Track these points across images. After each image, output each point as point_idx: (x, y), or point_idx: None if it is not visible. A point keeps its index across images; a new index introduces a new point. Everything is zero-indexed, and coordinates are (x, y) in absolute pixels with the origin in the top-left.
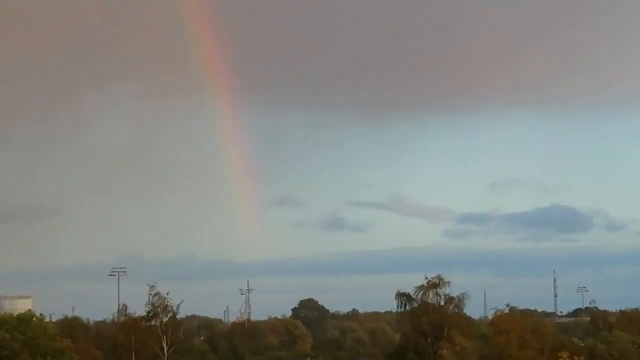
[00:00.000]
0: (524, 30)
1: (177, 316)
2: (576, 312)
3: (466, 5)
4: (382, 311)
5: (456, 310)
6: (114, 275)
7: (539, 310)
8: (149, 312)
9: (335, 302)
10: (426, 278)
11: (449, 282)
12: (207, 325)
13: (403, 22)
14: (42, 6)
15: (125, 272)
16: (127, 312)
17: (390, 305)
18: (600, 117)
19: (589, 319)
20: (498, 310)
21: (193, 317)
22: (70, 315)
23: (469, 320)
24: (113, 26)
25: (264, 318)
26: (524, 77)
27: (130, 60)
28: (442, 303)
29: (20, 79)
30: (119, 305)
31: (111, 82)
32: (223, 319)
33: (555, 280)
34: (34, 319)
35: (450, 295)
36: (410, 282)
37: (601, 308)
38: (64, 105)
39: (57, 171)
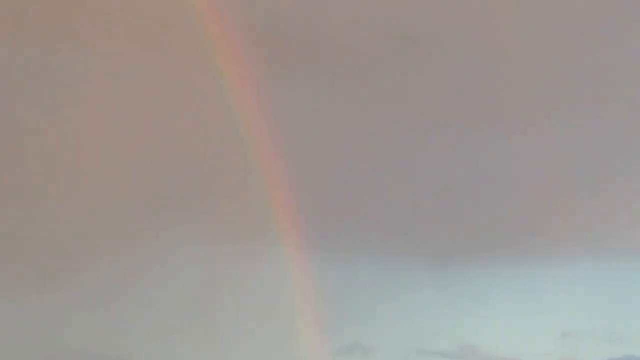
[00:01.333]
0: (591, 179)
1: None
2: None
3: (529, 151)
4: None
5: None
6: None
7: None
8: None
9: None
10: None
11: None
12: None
13: (465, 170)
14: (119, 152)
15: None
16: None
17: None
18: None
19: None
20: None
21: None
22: None
23: None
24: (184, 175)
25: None
26: (591, 226)
27: (196, 205)
28: None
29: (83, 222)
30: None
31: (178, 227)
32: None
33: None
34: None
35: None
36: None
37: None
38: (130, 249)
39: (123, 318)
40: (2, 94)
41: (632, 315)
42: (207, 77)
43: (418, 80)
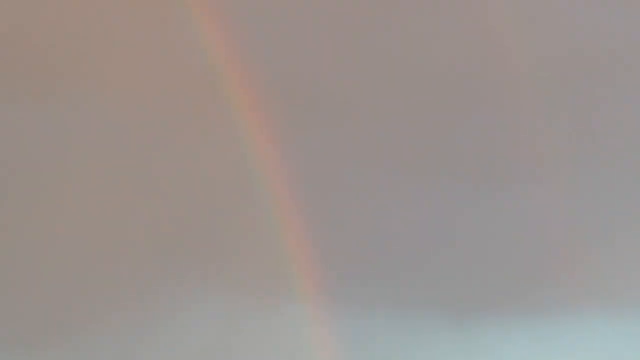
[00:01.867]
0: (604, 230)
1: None
2: None
3: (541, 201)
4: None
5: None
6: None
7: None
8: None
9: None
10: None
11: None
12: None
13: (477, 222)
14: (127, 202)
15: None
16: None
17: None
18: None
19: None
20: None
21: None
22: None
23: None
24: (203, 220)
25: None
26: (611, 278)
27: (208, 259)
28: None
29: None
30: None
31: (189, 282)
32: None
33: None
34: None
35: None
36: None
37: None
38: (137, 305)
39: None
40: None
41: None
42: (221, 127)
43: (430, 131)
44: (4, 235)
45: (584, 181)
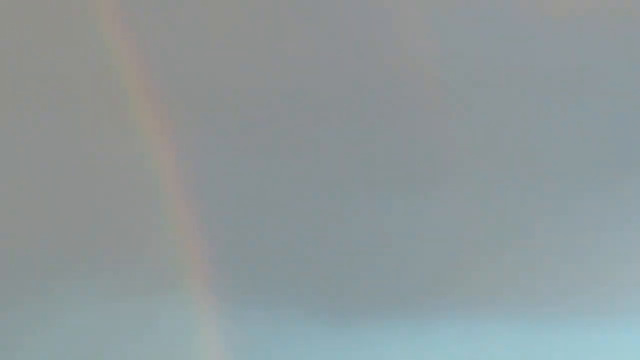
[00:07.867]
0: (505, 235)
1: None
2: None
3: (442, 207)
4: None
5: None
6: None
7: None
8: None
9: None
10: None
11: None
12: None
13: (373, 225)
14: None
15: None
16: None
17: None
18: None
19: None
20: None
21: None
22: None
23: None
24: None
25: None
26: (505, 284)
27: (97, 258)
28: None
29: None
30: None
31: (81, 276)
32: None
33: None
34: None
35: None
36: None
37: None
38: (19, 305)
39: None
40: None
41: None
42: (119, 127)
43: (332, 134)
44: None
45: (490, 187)
